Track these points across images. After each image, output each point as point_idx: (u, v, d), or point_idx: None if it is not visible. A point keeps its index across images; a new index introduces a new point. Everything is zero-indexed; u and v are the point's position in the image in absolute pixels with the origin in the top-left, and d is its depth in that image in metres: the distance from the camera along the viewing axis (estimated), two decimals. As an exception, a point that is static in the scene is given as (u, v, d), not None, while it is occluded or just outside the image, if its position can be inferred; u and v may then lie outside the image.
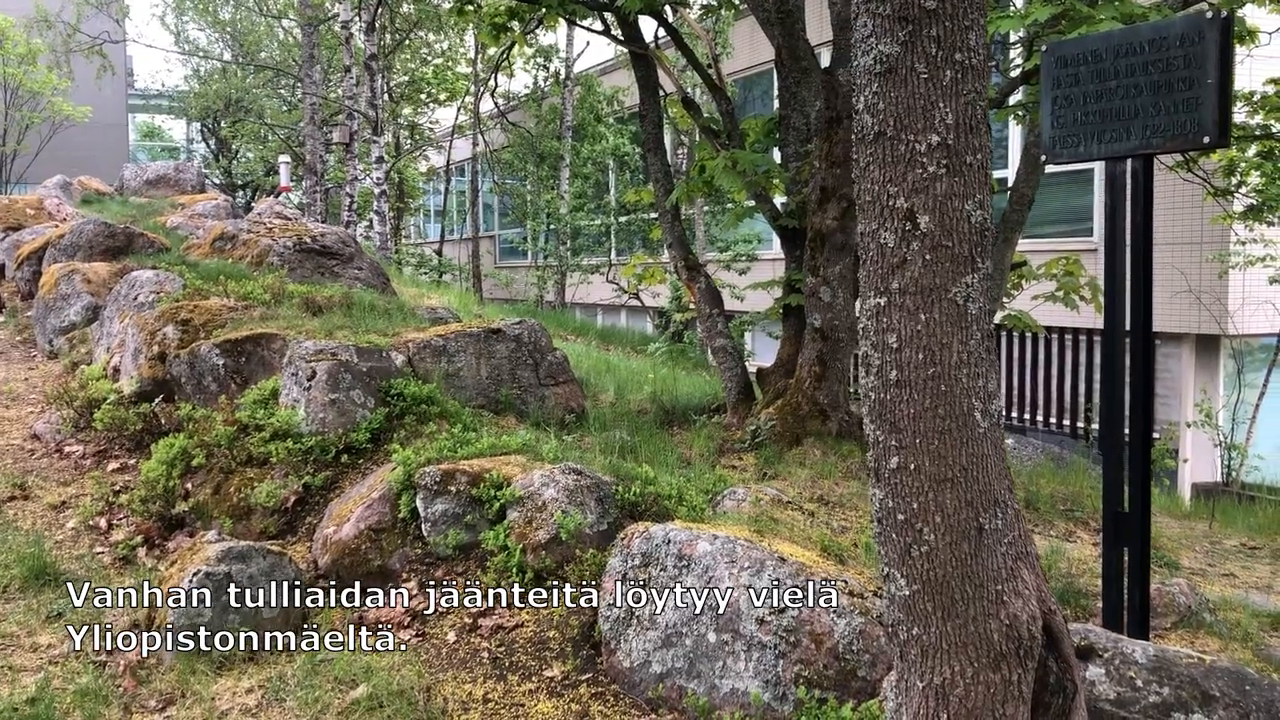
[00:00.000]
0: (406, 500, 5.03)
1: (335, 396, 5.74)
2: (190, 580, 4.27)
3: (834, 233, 7.48)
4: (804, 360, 7.72)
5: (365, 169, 24.73)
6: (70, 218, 12.41)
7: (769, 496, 5.17)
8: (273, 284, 8.08)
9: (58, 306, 9.45)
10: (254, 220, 10.90)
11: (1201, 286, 12.48)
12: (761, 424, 7.60)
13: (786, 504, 5.24)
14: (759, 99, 19.23)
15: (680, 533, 4.14)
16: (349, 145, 22.02)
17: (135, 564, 5.27)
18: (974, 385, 2.39)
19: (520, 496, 4.88)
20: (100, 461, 6.66)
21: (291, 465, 5.54)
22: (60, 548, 5.39)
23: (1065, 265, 8.69)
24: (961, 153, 2.37)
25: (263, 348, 6.67)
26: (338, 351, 5.94)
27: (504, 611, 4.57)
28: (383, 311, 8.08)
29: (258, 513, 5.41)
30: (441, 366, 6.82)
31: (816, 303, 7.54)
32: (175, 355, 6.87)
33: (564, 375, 7.46)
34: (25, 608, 4.64)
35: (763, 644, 3.70)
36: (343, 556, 4.92)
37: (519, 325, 7.34)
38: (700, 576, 3.94)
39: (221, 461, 5.66)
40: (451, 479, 4.99)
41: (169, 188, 15.96)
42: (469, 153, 29.10)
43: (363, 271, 10.63)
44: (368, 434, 5.72)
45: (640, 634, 4.03)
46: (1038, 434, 14.48)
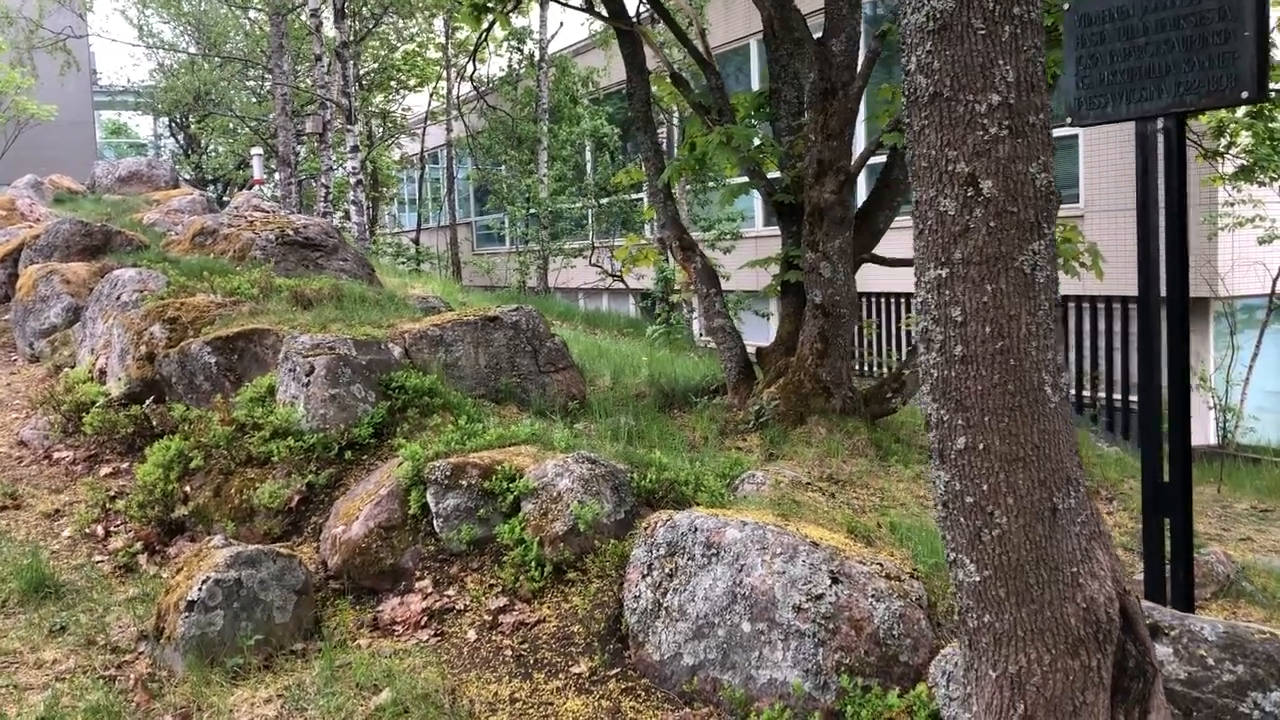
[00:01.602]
0: (416, 496, 4.88)
1: (335, 391, 5.58)
2: (200, 588, 4.11)
3: (832, 206, 7.36)
4: (805, 337, 7.60)
5: (339, 158, 24.43)
6: (44, 217, 12.14)
7: (788, 479, 5.05)
8: (260, 278, 7.88)
9: (37, 309, 9.21)
10: (234, 214, 10.67)
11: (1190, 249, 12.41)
12: (765, 404, 7.48)
13: (806, 485, 5.13)
14: (733, 75, 19.03)
15: (706, 520, 4.01)
16: (322, 135, 21.71)
17: (137, 572, 5.10)
18: (1043, 358, 2.27)
19: (534, 488, 4.74)
20: (92, 467, 6.47)
21: (294, 464, 5.38)
22: (58, 558, 5.21)
23: (1063, 232, 8.59)
24: (1024, 112, 2.24)
25: (255, 344, 6.49)
26: (335, 345, 5.77)
27: (524, 607, 4.43)
28: (374, 303, 7.90)
29: (261, 514, 5.25)
30: (439, 357, 6.65)
31: (817, 278, 7.42)
32: (164, 355, 6.68)
33: (564, 362, 7.31)
34: (26, 622, 4.46)
35: (801, 632, 3.58)
36: (353, 556, 4.77)
37: (516, 312, 7.18)
38: (731, 565, 3.82)
39: (221, 463, 5.49)
40: (462, 472, 4.85)
41: (142, 184, 15.68)
42: (443, 139, 28.82)
43: (347, 263, 10.44)
44: (370, 429, 5.56)
45: (669, 626, 3.90)
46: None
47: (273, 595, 4.30)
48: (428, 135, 29.37)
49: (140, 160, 16.97)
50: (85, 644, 4.28)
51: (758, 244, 18.84)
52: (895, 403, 7.84)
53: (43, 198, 13.88)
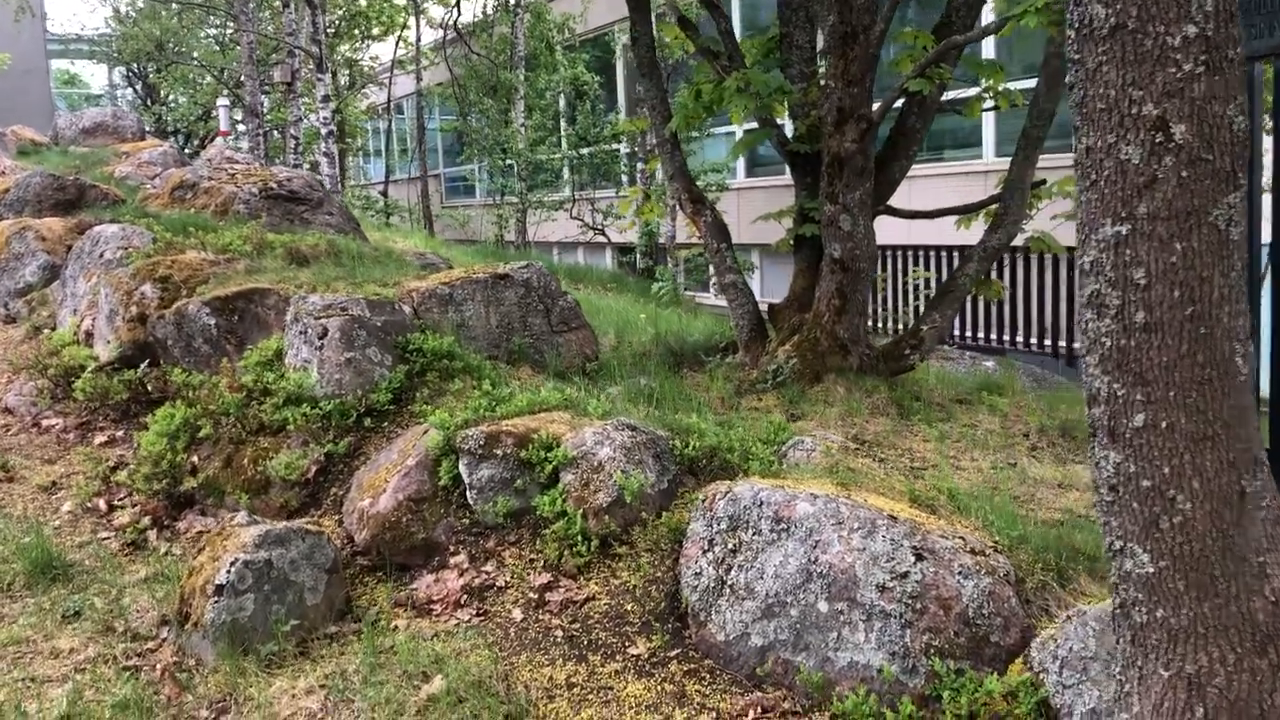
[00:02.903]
0: (448, 466, 4.60)
1: (351, 355, 5.26)
2: (228, 570, 3.82)
3: (853, 156, 7.08)
4: (822, 293, 7.36)
5: (308, 107, 23.71)
6: (9, 170, 11.60)
7: (837, 444, 4.82)
8: (252, 234, 7.50)
9: (11, 267, 8.77)
10: (215, 166, 10.22)
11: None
12: (782, 363, 7.24)
13: (855, 450, 4.90)
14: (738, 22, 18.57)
15: (772, 493, 3.77)
16: (290, 85, 21.07)
17: (146, 549, 4.80)
18: (1235, 325, 2.03)
19: (573, 457, 4.48)
20: (85, 435, 6.13)
21: (310, 432, 5.08)
22: (60, 535, 4.89)
23: (1078, 182, 8.37)
24: (1222, 46, 1.98)
25: (256, 304, 6.14)
26: (348, 306, 5.45)
27: (570, 584, 4.18)
28: (373, 260, 7.57)
29: (276, 486, 4.95)
30: (449, 317, 6.34)
31: (835, 232, 7.16)
32: (158, 316, 6.32)
33: (576, 321, 7.03)
34: (36, 607, 4.15)
35: (885, 612, 3.36)
36: (382, 531, 4.49)
37: (527, 269, 6.87)
38: (804, 541, 3.58)
39: (231, 432, 5.17)
40: (497, 441, 4.57)
41: (108, 136, 15.08)
42: (410, 88, 28.12)
43: (333, 217, 10.06)
44: (389, 394, 5.26)
45: (735, 605, 3.67)
46: (1017, 355, 14.32)
47: (303, 576, 4.03)
48: (395, 84, 28.66)
49: (104, 111, 16.32)
50: (103, 630, 3.98)
51: (740, 196, 18.51)
52: (913, 359, 7.63)
53: (5, 149, 13.29)
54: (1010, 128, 14.18)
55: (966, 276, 7.64)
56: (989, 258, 7.62)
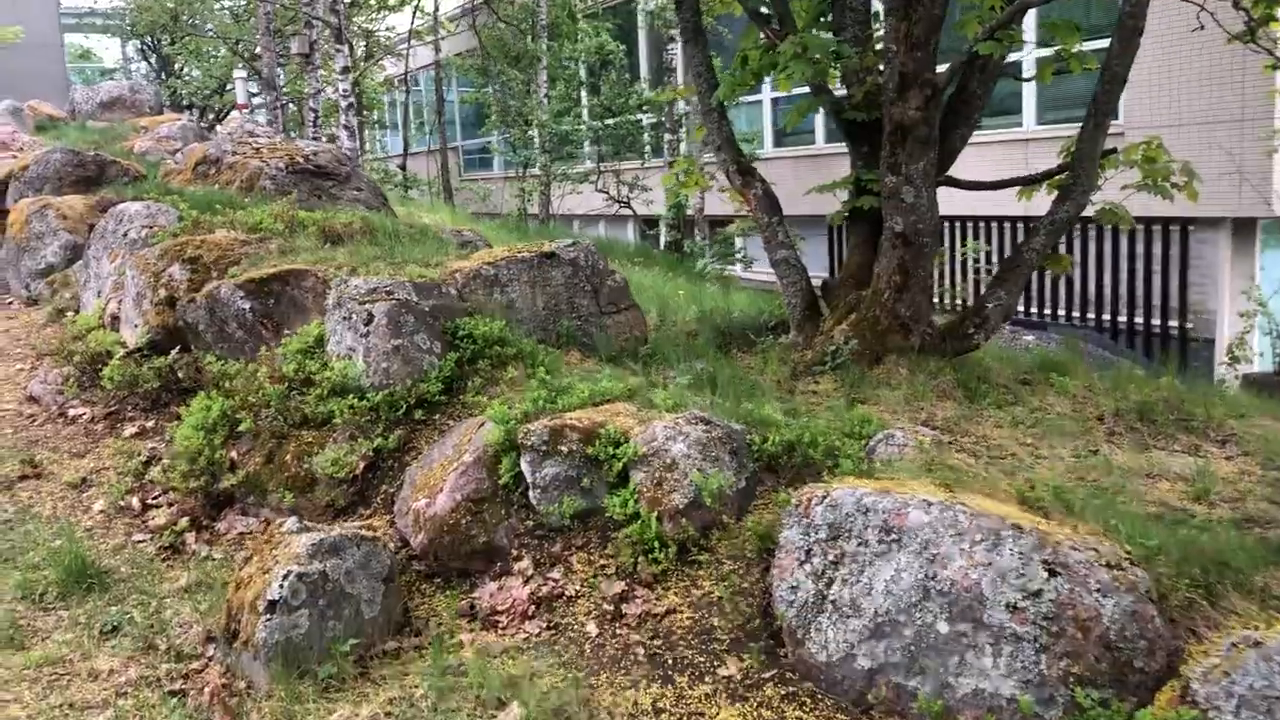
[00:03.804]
0: (508, 464, 4.26)
1: (399, 342, 4.92)
2: (281, 584, 3.50)
3: (917, 125, 6.68)
4: (882, 269, 6.97)
5: (325, 78, 23.29)
6: (28, 146, 11.27)
7: (928, 438, 4.46)
8: (283, 212, 7.15)
9: (32, 247, 8.46)
10: (237, 141, 9.86)
11: (1245, 166, 11.84)
12: (841, 344, 6.86)
13: (947, 444, 4.54)
14: None
15: (879, 498, 3.42)
16: (308, 56, 20.64)
17: (185, 553, 4.49)
18: None
19: (644, 454, 4.14)
20: (114, 426, 5.82)
21: (357, 426, 4.74)
22: (92, 537, 4.58)
23: (1145, 150, 7.95)
24: None
25: (293, 287, 5.80)
26: (394, 289, 5.10)
27: (647, 594, 3.85)
28: (409, 238, 7.20)
29: (322, 483, 4.62)
30: (495, 298, 5.99)
31: (898, 204, 6.77)
32: (189, 299, 5.98)
33: (625, 301, 6.66)
34: (71, 621, 3.85)
35: (1017, 636, 3.02)
36: (440, 535, 4.16)
37: (573, 248, 6.51)
38: (919, 553, 3.23)
39: (272, 425, 4.84)
40: (561, 437, 4.22)
41: (125, 110, 14.75)
42: (428, 59, 27.66)
43: (362, 193, 9.71)
44: (440, 384, 4.91)
45: (839, 622, 3.33)
46: (1058, 328, 13.91)
47: (360, 587, 3.70)
48: (413, 55, 28.18)
49: (121, 85, 15.99)
50: (144, 648, 3.67)
51: (768, 167, 18.05)
52: (977, 339, 7.25)
53: (23, 125, 12.96)
54: (1051, 94, 13.70)
55: (1033, 250, 7.24)
56: (1057, 231, 7.22)
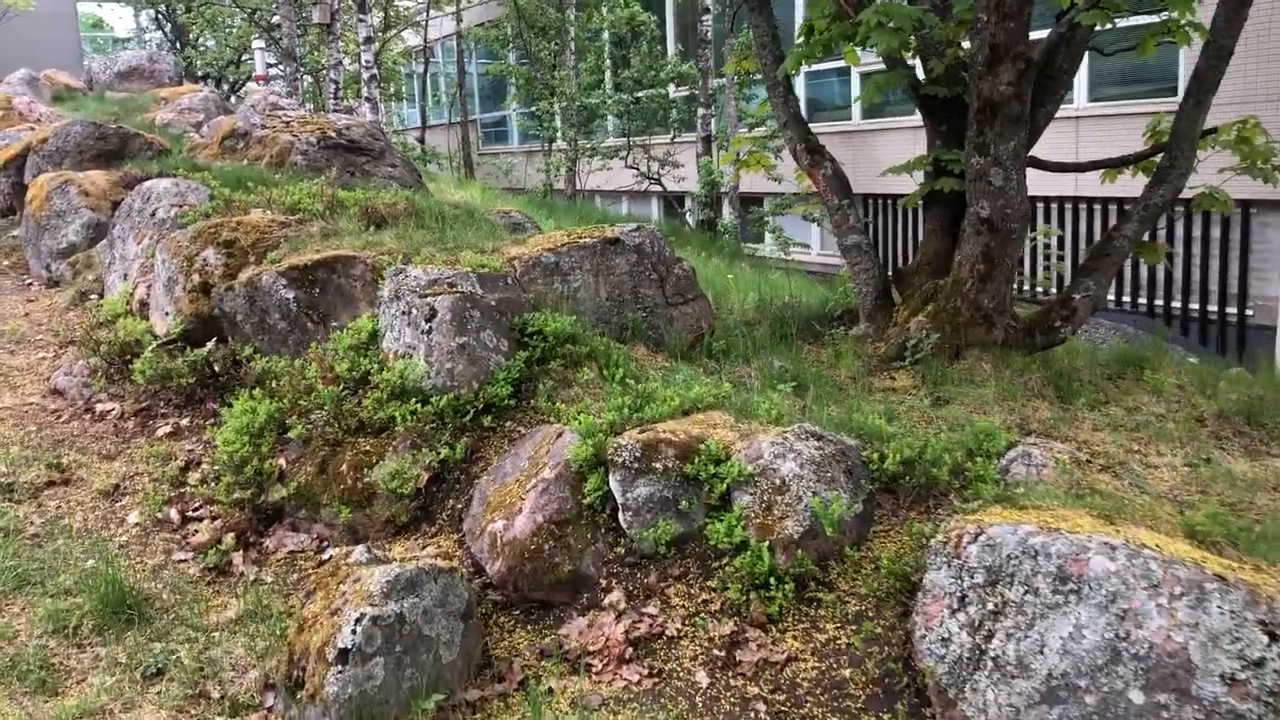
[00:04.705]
0: (595, 482, 3.80)
1: (464, 340, 4.44)
2: (353, 630, 3.04)
3: (1008, 101, 6.16)
4: (964, 257, 6.46)
5: (345, 48, 22.74)
6: (46, 118, 10.81)
7: (1067, 456, 3.98)
8: (321, 191, 6.66)
9: (53, 225, 7.99)
10: (266, 114, 9.37)
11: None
12: (922, 337, 6.37)
13: (1086, 462, 4.06)
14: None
15: (1048, 539, 2.94)
16: (329, 27, 20.09)
17: (231, 574, 4.04)
18: None
19: (750, 474, 3.67)
20: (145, 424, 5.36)
21: (418, 433, 4.28)
22: (128, 555, 4.13)
23: (1240, 130, 7.40)
24: None
25: (339, 274, 5.32)
26: (456, 281, 4.62)
27: (760, 636, 3.39)
28: (455, 219, 6.71)
29: (382, 497, 4.16)
30: (555, 288, 5.52)
31: (985, 187, 6.27)
32: (226, 287, 5.51)
33: (693, 291, 6.18)
34: (110, 661, 3.40)
35: (1237, 714, 2.55)
36: (520, 562, 3.70)
37: (638, 233, 6.02)
38: (1104, 608, 2.76)
39: (325, 431, 4.38)
40: (655, 452, 3.75)
41: (144, 80, 14.26)
42: (448, 30, 27.06)
43: (396, 169, 9.22)
44: (508, 387, 4.44)
45: (1002, 683, 2.86)
46: (1108, 314, 13.37)
47: (438, 627, 3.25)
48: (434, 25, 27.57)
49: (140, 54, 15.48)
50: (193, 695, 3.23)
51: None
52: (1064, 332, 6.75)
53: (39, 95, 12.48)
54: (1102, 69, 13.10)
55: (1125, 238, 6.72)
56: (1151, 216, 6.70)
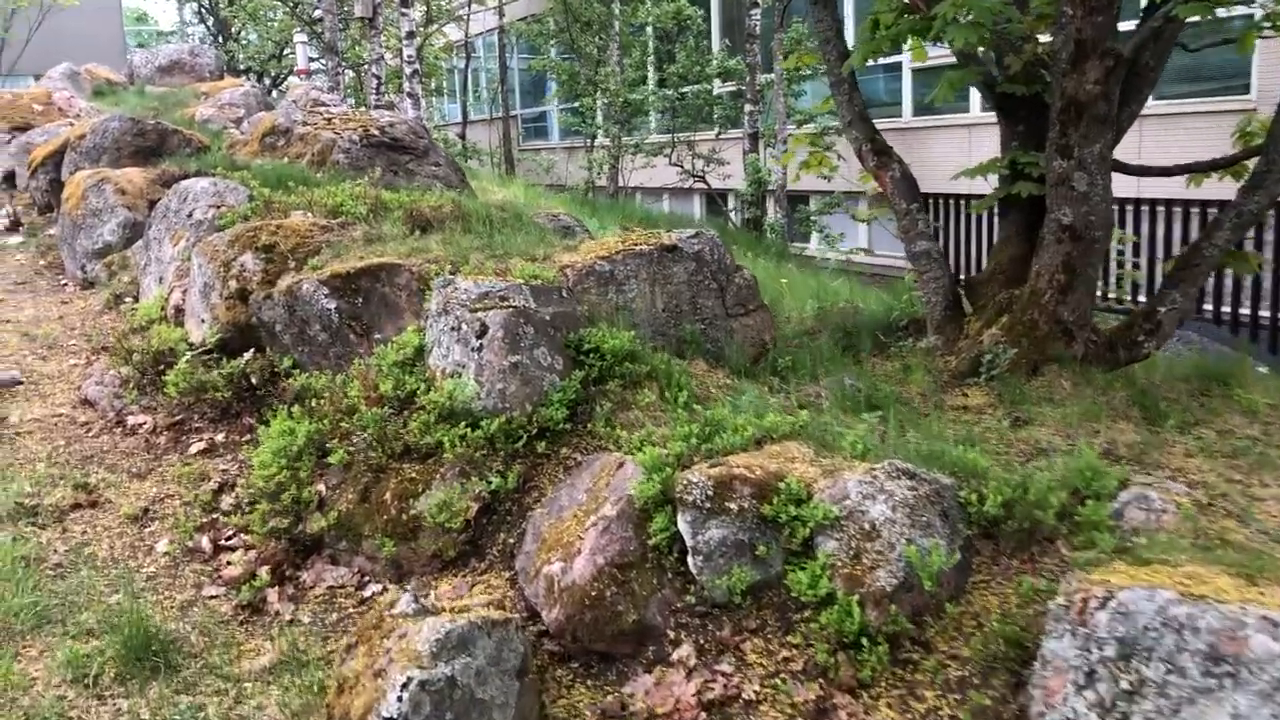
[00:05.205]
0: (662, 522, 3.45)
1: (517, 359, 4.11)
2: (399, 697, 2.71)
3: (1094, 101, 5.76)
4: (1044, 266, 6.06)
5: (387, 43, 22.50)
6: (85, 113, 10.62)
7: (1187, 499, 3.58)
8: (364, 193, 6.36)
9: (88, 224, 7.76)
10: (308, 110, 9.10)
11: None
12: (999, 353, 5.98)
13: (1207, 505, 3.66)
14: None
15: (1195, 610, 2.55)
16: (372, 20, 19.87)
17: (265, 613, 3.73)
18: None
19: (836, 517, 3.31)
20: (178, 439, 5.09)
21: (468, 460, 3.95)
22: (156, 589, 3.84)
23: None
24: None
25: (384, 284, 5.01)
26: (509, 294, 4.29)
27: (850, 704, 3.03)
28: (503, 223, 6.39)
29: (428, 530, 3.84)
30: (610, 298, 5.19)
31: (1067, 193, 5.87)
32: (264, 295, 5.22)
33: (754, 301, 5.82)
34: (132, 716, 3.10)
35: None
36: (580, 610, 3.36)
37: (696, 239, 5.67)
38: (1267, 697, 2.38)
39: (368, 455, 4.06)
40: (729, 490, 3.40)
41: (185, 74, 14.09)
42: (493, 24, 26.81)
43: (440, 168, 8.92)
44: (563, 409, 4.10)
45: (1139, 774, 2.49)
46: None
47: (492, 689, 2.92)
48: (476, 20, 27.32)
49: (182, 47, 15.33)
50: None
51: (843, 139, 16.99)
52: (1148, 347, 6.32)
53: (80, 89, 12.32)
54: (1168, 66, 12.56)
55: (1214, 247, 6.28)
56: (1244, 224, 6.25)
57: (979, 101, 13.89)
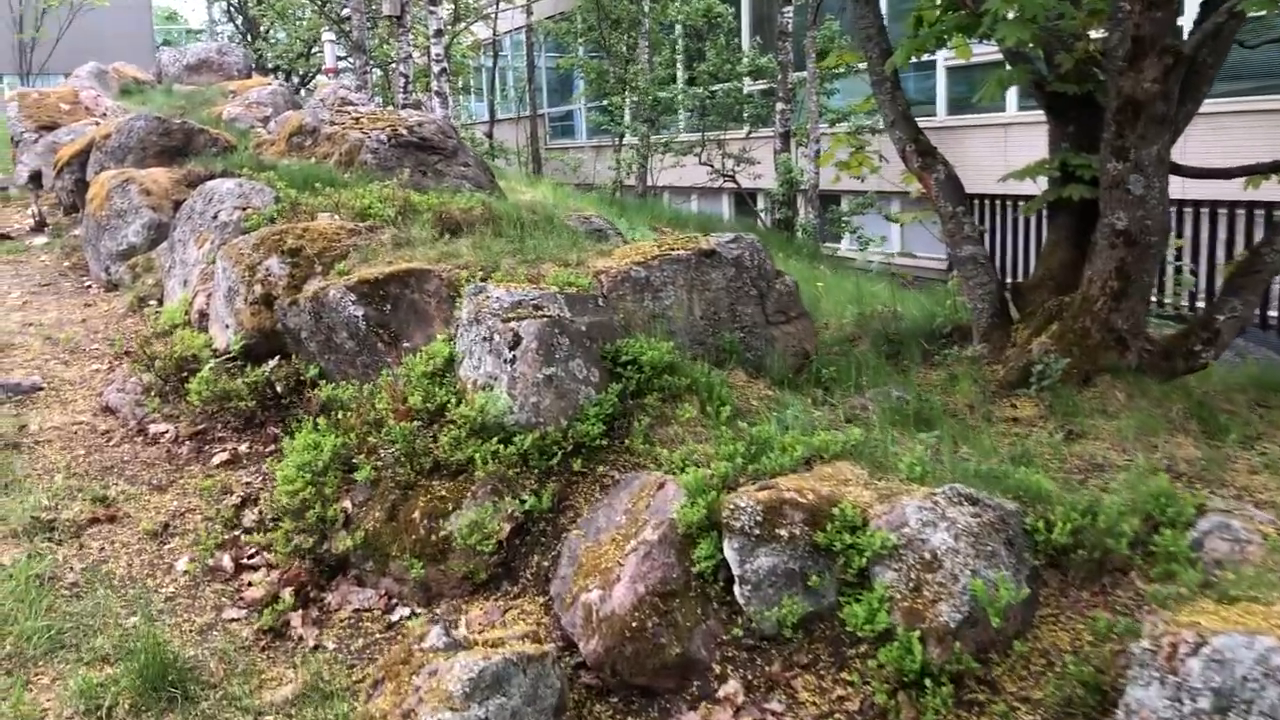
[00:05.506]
0: (707, 548, 3.25)
1: (551, 371, 3.91)
2: (429, 742, 2.53)
3: (1153, 100, 5.52)
4: (1096, 272, 5.83)
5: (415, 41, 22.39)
6: (112, 112, 10.52)
7: (1272, 528, 3.34)
8: (393, 195, 6.19)
9: (113, 225, 7.63)
10: (336, 109, 8.95)
11: None
12: (1050, 361, 5.74)
13: (1290, 535, 3.42)
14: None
15: (1298, 659, 2.33)
16: (400, 19, 19.76)
17: (288, 638, 3.55)
18: None
19: (894, 545, 3.09)
20: (200, 450, 4.93)
21: (500, 477, 3.75)
22: (174, 611, 3.67)
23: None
24: None
25: (412, 290, 4.83)
26: (542, 303, 4.09)
27: (912, 748, 2.82)
28: (534, 226, 6.19)
29: (457, 552, 3.65)
30: (645, 305, 4.99)
31: (1122, 196, 5.64)
32: (290, 300, 5.06)
33: (795, 309, 5.60)
34: (147, 753, 2.94)
35: None
36: (621, 642, 3.16)
37: (735, 244, 5.46)
38: (1388, 760, 2.16)
39: (395, 471, 3.88)
40: (779, 515, 3.20)
41: (213, 73, 14.00)
42: (520, 22, 26.67)
43: (469, 169, 8.75)
44: (600, 424, 3.89)
45: (1237, 839, 2.27)
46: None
47: (528, 730, 2.73)
48: (504, 17, 27.18)
49: (209, 46, 15.25)
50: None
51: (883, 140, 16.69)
52: (1205, 357, 6.06)
53: (107, 88, 12.23)
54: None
55: (1276, 252, 6.03)
56: (1309, 230, 6.00)
57: (1015, 100, 13.59)
